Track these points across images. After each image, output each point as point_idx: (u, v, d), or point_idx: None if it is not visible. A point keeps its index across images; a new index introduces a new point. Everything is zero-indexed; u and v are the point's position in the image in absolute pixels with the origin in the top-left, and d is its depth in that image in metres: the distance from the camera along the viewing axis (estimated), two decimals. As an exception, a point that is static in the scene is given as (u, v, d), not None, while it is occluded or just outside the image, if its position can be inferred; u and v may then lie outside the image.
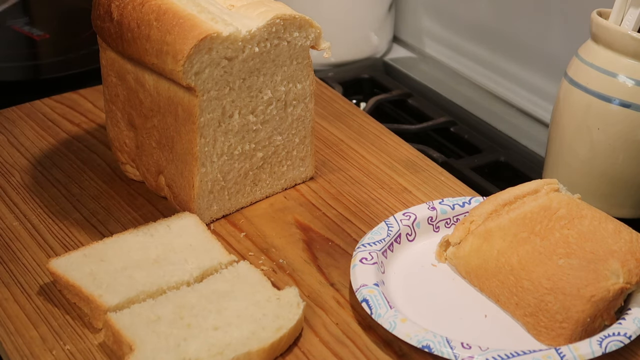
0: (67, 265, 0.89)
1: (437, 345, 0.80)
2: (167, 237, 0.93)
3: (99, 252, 0.91)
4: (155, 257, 0.91)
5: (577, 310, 0.82)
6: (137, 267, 0.89)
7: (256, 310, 0.85)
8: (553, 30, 1.28)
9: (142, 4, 0.95)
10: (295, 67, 1.01)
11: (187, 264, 0.90)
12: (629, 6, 0.98)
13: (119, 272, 0.88)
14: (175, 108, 0.96)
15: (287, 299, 0.86)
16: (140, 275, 0.88)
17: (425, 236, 0.96)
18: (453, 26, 1.46)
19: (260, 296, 0.86)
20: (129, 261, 0.90)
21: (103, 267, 0.89)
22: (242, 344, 0.81)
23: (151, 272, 0.89)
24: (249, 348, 0.80)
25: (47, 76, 1.37)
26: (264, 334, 0.82)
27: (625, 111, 0.97)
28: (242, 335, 0.82)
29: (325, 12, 1.41)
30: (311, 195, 1.06)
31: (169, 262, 0.90)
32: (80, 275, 0.88)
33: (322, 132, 1.17)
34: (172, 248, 0.92)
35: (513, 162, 1.19)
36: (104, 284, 0.87)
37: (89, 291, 0.86)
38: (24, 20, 1.50)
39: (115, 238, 0.93)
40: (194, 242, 0.93)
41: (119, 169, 1.09)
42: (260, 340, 0.81)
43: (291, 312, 0.84)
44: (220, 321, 0.83)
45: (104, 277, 0.88)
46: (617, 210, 1.00)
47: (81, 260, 0.90)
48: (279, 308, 0.85)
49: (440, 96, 1.38)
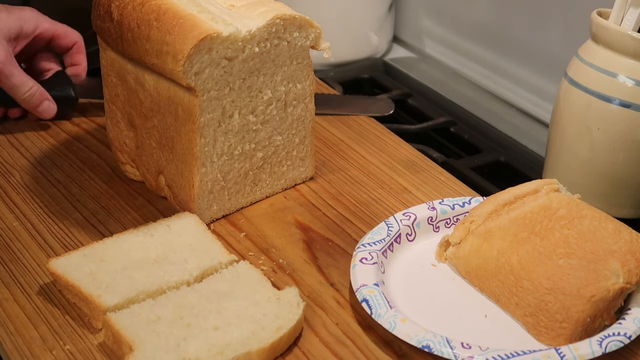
0: (67, 265, 0.89)
1: (437, 345, 0.80)
2: (167, 237, 0.93)
3: (99, 252, 0.91)
4: (155, 257, 0.91)
5: (577, 310, 0.82)
6: (137, 267, 0.89)
7: (256, 310, 0.85)
8: (553, 30, 1.28)
9: (142, 4, 0.95)
10: (295, 67, 1.01)
11: (187, 263, 0.90)
12: (629, 6, 0.98)
13: (119, 273, 0.88)
14: (175, 108, 0.96)
15: (287, 299, 0.86)
16: (140, 275, 0.88)
17: (425, 236, 0.96)
18: (453, 26, 1.46)
19: (260, 296, 0.86)
20: (128, 261, 0.90)
21: (103, 267, 0.89)
22: (242, 344, 0.81)
23: (151, 272, 0.88)
24: (249, 348, 0.80)
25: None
26: (264, 334, 0.82)
27: (625, 111, 0.97)
28: (242, 335, 0.82)
29: (325, 12, 1.41)
30: (311, 195, 1.06)
31: (169, 262, 0.90)
32: (80, 276, 0.88)
33: (322, 132, 1.17)
34: (172, 248, 0.92)
35: (513, 162, 1.19)
36: (104, 284, 0.87)
37: (89, 291, 0.86)
38: (24, 20, 1.50)
39: (115, 238, 0.93)
40: (194, 242, 0.93)
41: (119, 169, 1.09)
42: (260, 340, 0.81)
43: (291, 312, 0.84)
44: (220, 321, 0.83)
45: (104, 277, 0.88)
46: (617, 210, 1.00)
47: (81, 260, 0.90)
48: (279, 308, 0.85)
49: (440, 96, 1.38)
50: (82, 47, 1.22)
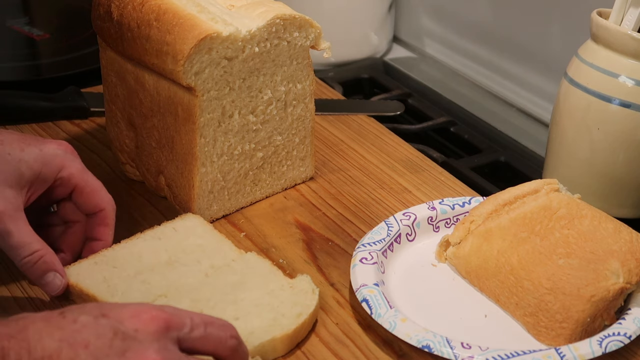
0: (79, 274, 0.87)
1: (437, 345, 0.80)
2: (174, 240, 0.93)
3: (110, 259, 0.89)
4: (166, 260, 0.90)
5: (577, 310, 0.82)
6: (151, 272, 0.88)
7: (272, 299, 0.85)
8: (553, 30, 1.28)
9: (142, 4, 0.95)
10: (295, 67, 1.01)
11: (200, 264, 0.90)
12: (629, 6, 0.98)
13: (133, 278, 0.87)
14: (175, 108, 0.96)
15: (300, 287, 0.87)
16: (155, 279, 0.87)
17: (425, 236, 0.96)
18: (453, 26, 1.46)
19: (274, 285, 0.87)
20: (141, 266, 0.89)
21: (116, 273, 0.87)
22: (265, 332, 0.81)
23: (165, 275, 0.88)
24: (273, 335, 0.81)
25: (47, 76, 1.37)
26: (285, 320, 0.83)
27: (625, 111, 0.97)
28: (264, 324, 0.82)
29: (325, 12, 1.41)
30: (311, 195, 1.06)
31: (182, 263, 0.89)
32: (94, 283, 0.86)
33: (322, 132, 1.17)
34: (182, 250, 0.91)
35: (513, 162, 1.19)
36: (119, 290, 0.86)
37: (105, 299, 0.84)
38: (24, 20, 1.50)
39: (123, 244, 0.92)
40: (203, 242, 0.93)
41: (119, 169, 1.09)
42: (282, 327, 0.82)
43: (307, 298, 0.85)
44: (239, 311, 0.83)
45: (119, 284, 0.86)
46: (617, 210, 1.00)
47: (92, 268, 0.88)
48: (295, 295, 0.86)
49: (440, 96, 1.38)
50: (110, 218, 0.91)
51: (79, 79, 1.28)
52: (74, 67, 1.36)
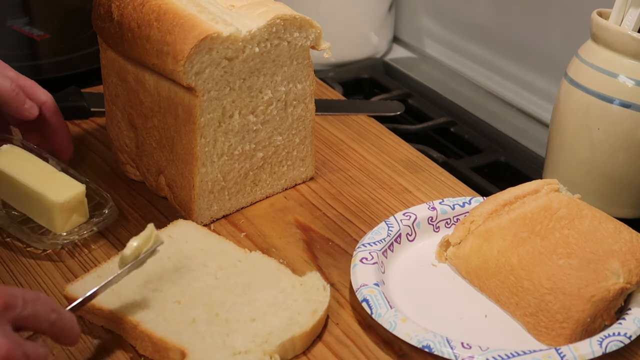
0: (85, 289, 0.84)
1: (437, 345, 0.80)
2: (174, 246, 0.92)
3: (113, 272, 0.85)
4: (172, 267, 0.89)
5: (578, 310, 0.82)
6: (160, 280, 0.87)
7: (285, 297, 0.85)
8: (553, 30, 1.28)
9: (143, 4, 0.95)
10: (296, 67, 1.01)
11: (207, 267, 0.89)
12: (629, 6, 0.98)
13: (143, 287, 0.86)
14: (176, 108, 0.96)
15: (311, 284, 0.87)
16: (166, 286, 0.86)
17: (425, 236, 0.97)
18: (453, 26, 1.46)
19: (285, 284, 0.87)
20: (147, 275, 0.87)
21: (124, 284, 0.86)
22: (284, 330, 0.82)
23: (176, 282, 0.87)
24: (292, 334, 0.81)
25: (47, 76, 1.37)
26: (301, 318, 0.83)
27: (625, 111, 0.97)
28: (281, 322, 0.83)
29: (325, 12, 1.41)
30: (311, 195, 1.06)
31: (189, 269, 0.89)
32: (104, 297, 0.84)
33: (322, 132, 1.18)
34: (184, 255, 0.91)
35: (513, 162, 1.19)
36: (131, 300, 0.85)
37: (121, 312, 0.83)
38: (24, 20, 1.50)
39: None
40: (203, 246, 0.93)
41: (119, 169, 1.09)
42: (300, 325, 0.82)
43: (320, 295, 0.86)
44: (255, 312, 0.84)
45: (130, 295, 0.85)
46: (617, 210, 1.00)
47: (97, 281, 0.85)
48: (307, 293, 0.86)
49: (440, 96, 1.38)
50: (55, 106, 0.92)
51: (79, 79, 1.28)
52: (74, 67, 1.36)
